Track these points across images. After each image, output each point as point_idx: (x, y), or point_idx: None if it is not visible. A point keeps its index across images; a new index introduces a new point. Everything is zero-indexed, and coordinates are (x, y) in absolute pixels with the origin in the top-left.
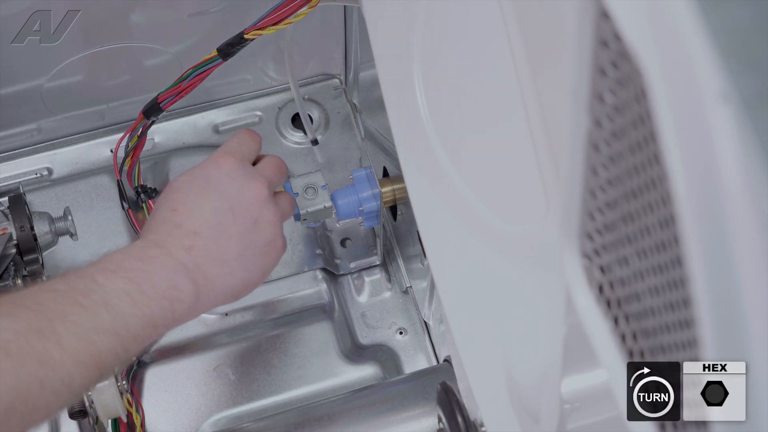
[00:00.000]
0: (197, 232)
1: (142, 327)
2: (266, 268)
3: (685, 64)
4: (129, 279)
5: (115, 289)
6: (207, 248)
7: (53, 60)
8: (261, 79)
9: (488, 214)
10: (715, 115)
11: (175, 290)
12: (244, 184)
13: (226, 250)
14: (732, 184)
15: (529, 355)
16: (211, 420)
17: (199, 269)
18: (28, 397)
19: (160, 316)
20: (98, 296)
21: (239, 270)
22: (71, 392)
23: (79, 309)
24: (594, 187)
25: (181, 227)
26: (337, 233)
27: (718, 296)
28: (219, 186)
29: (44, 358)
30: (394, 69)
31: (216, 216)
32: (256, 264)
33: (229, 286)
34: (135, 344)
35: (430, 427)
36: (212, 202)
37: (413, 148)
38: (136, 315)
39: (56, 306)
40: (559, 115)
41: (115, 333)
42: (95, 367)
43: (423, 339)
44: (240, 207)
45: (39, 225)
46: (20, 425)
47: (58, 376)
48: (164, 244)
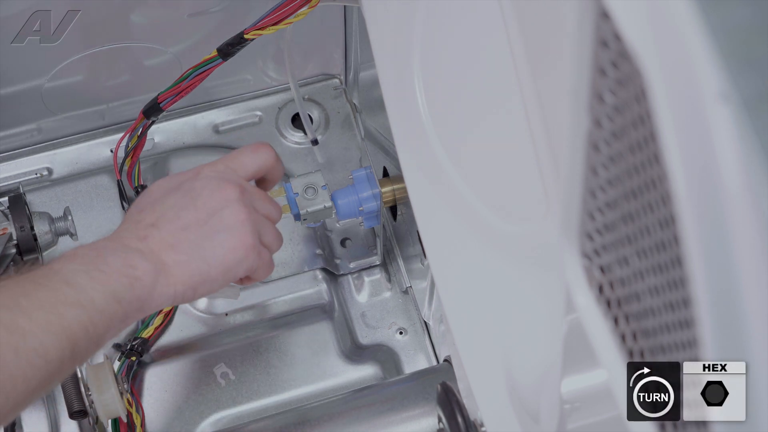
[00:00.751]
0: (154, 224)
1: (105, 301)
2: (227, 264)
3: (685, 64)
4: (84, 262)
5: (72, 270)
6: (162, 237)
7: (53, 60)
8: (261, 79)
9: (488, 214)
10: (715, 115)
11: (131, 268)
12: (216, 185)
13: (182, 240)
14: (732, 184)
15: (529, 355)
16: (211, 420)
17: (154, 253)
18: (3, 366)
19: (121, 291)
20: (58, 277)
21: (196, 260)
22: (47, 363)
23: (41, 288)
24: (594, 187)
25: (140, 222)
26: (337, 233)
27: (718, 296)
28: (189, 187)
29: (13, 327)
30: (394, 69)
31: (176, 211)
32: (215, 257)
33: (187, 274)
34: (102, 318)
35: (430, 427)
36: (176, 199)
37: (413, 148)
38: (96, 289)
39: (18, 287)
40: (559, 115)
41: (80, 305)
42: (66, 339)
43: (423, 339)
44: (202, 201)
45: (39, 225)
46: (1, 395)
47: (31, 346)
48: (119, 237)
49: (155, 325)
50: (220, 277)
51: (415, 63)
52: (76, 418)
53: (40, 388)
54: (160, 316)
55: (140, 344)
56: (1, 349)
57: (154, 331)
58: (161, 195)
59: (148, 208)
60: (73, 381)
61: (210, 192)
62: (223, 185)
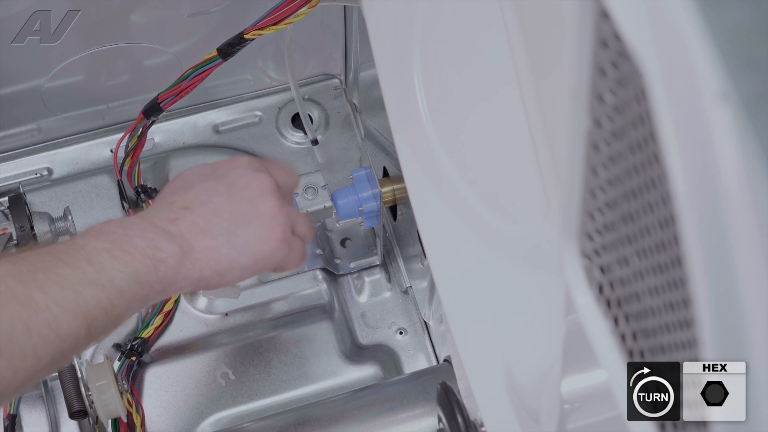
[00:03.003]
0: (187, 207)
1: (126, 281)
2: (258, 254)
3: (684, 64)
4: (109, 240)
5: (95, 248)
6: (194, 221)
7: (53, 60)
8: (261, 79)
9: (488, 214)
10: (715, 114)
11: (157, 249)
12: (252, 174)
13: (214, 224)
14: (731, 183)
15: (529, 355)
16: (211, 420)
17: (183, 237)
18: (13, 339)
19: (144, 273)
20: (79, 254)
21: (225, 246)
22: (60, 339)
23: (61, 263)
24: (594, 187)
25: (173, 204)
26: (337, 233)
27: (718, 296)
28: (225, 174)
29: (26, 301)
30: (394, 69)
31: (210, 195)
32: (247, 246)
33: (214, 260)
34: (121, 299)
35: (430, 427)
36: (212, 184)
37: (413, 148)
38: (118, 269)
39: (37, 260)
40: (559, 115)
41: (99, 284)
42: (82, 317)
43: (423, 339)
44: (239, 189)
45: (39, 225)
46: (9, 369)
47: (44, 320)
48: (149, 216)
49: (155, 325)
50: (251, 265)
51: (415, 63)
52: (76, 418)
53: (52, 364)
54: (160, 316)
55: (140, 344)
56: (12, 322)
57: (154, 331)
58: (196, 179)
59: (181, 191)
60: (73, 381)
61: (247, 181)
62: (259, 176)
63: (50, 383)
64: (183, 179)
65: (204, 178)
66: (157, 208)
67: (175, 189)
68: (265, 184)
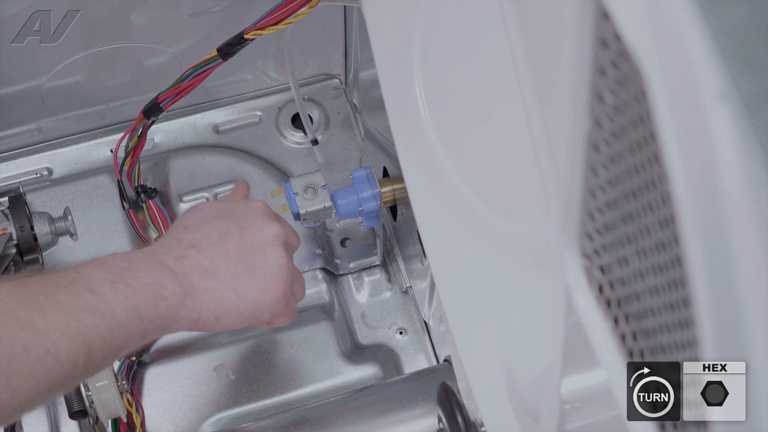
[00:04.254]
0: (196, 245)
1: (126, 314)
2: (258, 304)
3: (684, 64)
4: (113, 272)
5: (98, 278)
6: (200, 261)
7: (53, 60)
8: (261, 79)
9: (488, 214)
10: (715, 114)
11: (159, 286)
12: (266, 222)
13: (220, 267)
14: (731, 183)
15: (529, 355)
16: (211, 420)
17: (186, 276)
18: (12, 360)
19: (144, 307)
20: (82, 282)
21: (227, 291)
22: (58, 364)
23: (63, 290)
24: (594, 187)
25: (181, 241)
26: (337, 233)
27: (718, 296)
28: (240, 216)
29: (27, 324)
30: (394, 69)
31: (221, 236)
32: (248, 293)
33: (214, 302)
34: (121, 331)
35: (430, 427)
36: (223, 224)
37: (413, 148)
38: (120, 301)
39: (39, 284)
40: (559, 115)
41: (100, 314)
42: (81, 344)
43: (423, 339)
44: (250, 233)
45: (39, 225)
46: (8, 389)
47: (43, 344)
48: (156, 252)
49: None
50: (248, 313)
51: (415, 63)
52: (76, 418)
53: (49, 391)
54: None
55: None
56: (12, 343)
57: None
58: (209, 216)
59: (193, 227)
60: None
61: (259, 226)
62: (273, 225)
63: None
64: (197, 212)
65: (218, 216)
66: (166, 243)
67: (188, 224)
68: (278, 235)
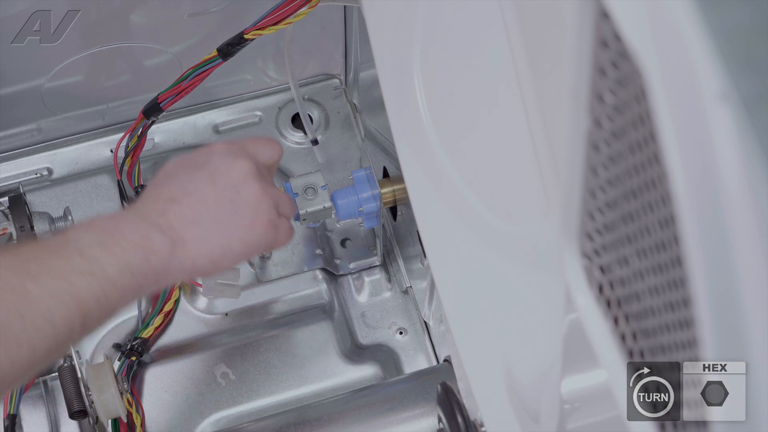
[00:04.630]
0: (173, 198)
1: (119, 272)
2: (248, 240)
3: (684, 64)
4: (100, 233)
5: (87, 240)
6: (182, 212)
7: (53, 60)
8: (261, 79)
9: (488, 214)
10: (715, 114)
11: (148, 240)
12: (232, 160)
13: (202, 214)
14: (731, 183)
15: (529, 355)
16: (211, 420)
17: (172, 228)
18: (8, 328)
19: (136, 264)
20: (71, 246)
21: (216, 235)
22: (54, 329)
23: (54, 255)
24: (594, 187)
25: (159, 196)
26: (338, 233)
27: (718, 296)
28: (205, 162)
29: (20, 290)
30: (394, 69)
31: (195, 184)
32: (237, 233)
33: (206, 249)
34: (114, 290)
35: (430, 427)
36: (195, 173)
37: (413, 148)
38: (110, 261)
39: (30, 252)
40: (559, 115)
41: (92, 274)
42: (76, 308)
43: (423, 339)
44: (221, 176)
45: (39, 225)
46: (7, 358)
47: (38, 310)
48: (137, 209)
49: (155, 325)
50: (242, 250)
51: (415, 63)
52: (76, 418)
53: (47, 355)
54: (160, 316)
55: (140, 344)
56: (7, 311)
57: (154, 331)
58: (179, 169)
59: (165, 183)
60: (73, 381)
61: (228, 167)
62: (239, 161)
63: (50, 383)
64: (165, 171)
65: (187, 166)
66: (143, 201)
67: (159, 181)
68: (246, 169)
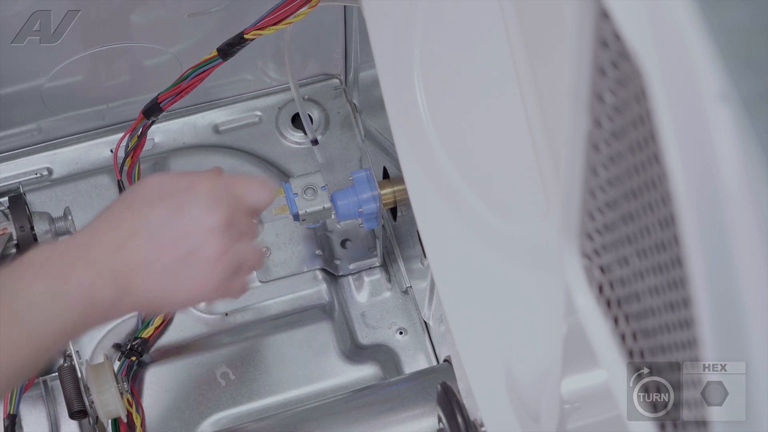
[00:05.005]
0: (134, 234)
1: (60, 330)
2: (192, 296)
3: (684, 64)
4: (50, 278)
5: (36, 292)
6: (137, 252)
7: (53, 60)
8: (261, 79)
9: (488, 214)
10: (715, 114)
11: (96, 290)
12: (204, 207)
13: (153, 260)
14: (732, 183)
15: (529, 355)
16: (211, 420)
17: (120, 275)
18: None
19: (78, 319)
20: (22, 301)
21: (159, 287)
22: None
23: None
24: (594, 187)
25: (121, 224)
26: (338, 234)
27: (718, 296)
28: (181, 201)
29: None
30: (394, 69)
31: (160, 224)
32: (184, 287)
33: (146, 299)
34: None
35: (430, 427)
36: (164, 210)
37: (413, 148)
38: (54, 317)
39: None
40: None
41: (33, 336)
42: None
43: (423, 339)
44: (189, 223)
45: (39, 225)
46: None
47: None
48: (95, 243)
49: (155, 325)
50: (184, 303)
51: (415, 63)
52: (76, 418)
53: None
54: (160, 316)
55: (140, 344)
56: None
57: (154, 331)
58: (153, 196)
59: (134, 209)
60: (73, 381)
61: (198, 213)
62: (212, 210)
63: (50, 383)
64: (142, 189)
65: (161, 197)
66: (106, 225)
67: (131, 202)
68: (216, 224)
